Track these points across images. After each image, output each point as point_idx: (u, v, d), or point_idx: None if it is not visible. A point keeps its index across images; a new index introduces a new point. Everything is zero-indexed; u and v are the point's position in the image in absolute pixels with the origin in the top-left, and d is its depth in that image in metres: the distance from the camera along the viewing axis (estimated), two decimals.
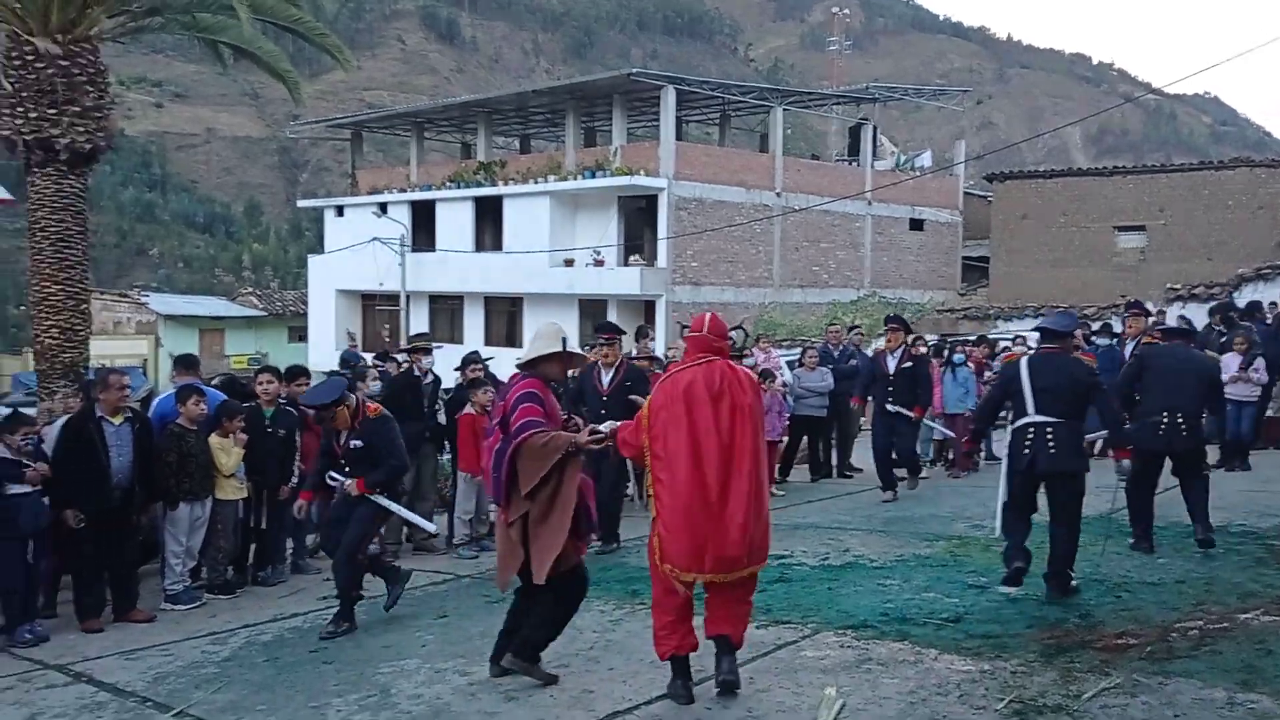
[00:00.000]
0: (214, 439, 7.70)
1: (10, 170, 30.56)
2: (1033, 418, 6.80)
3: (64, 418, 7.62)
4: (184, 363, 8.98)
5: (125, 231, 77.22)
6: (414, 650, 6.22)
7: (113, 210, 76.35)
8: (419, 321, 33.21)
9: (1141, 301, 12.91)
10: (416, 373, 9.45)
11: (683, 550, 4.83)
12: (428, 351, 9.68)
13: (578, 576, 5.38)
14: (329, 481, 6.83)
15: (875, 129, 34.49)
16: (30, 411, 8.15)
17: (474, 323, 32.73)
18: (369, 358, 13.31)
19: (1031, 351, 8.24)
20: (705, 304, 28.37)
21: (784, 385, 12.72)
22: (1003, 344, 15.70)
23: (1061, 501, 6.81)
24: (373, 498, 6.76)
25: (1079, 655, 5.55)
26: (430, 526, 7.98)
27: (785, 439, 12.82)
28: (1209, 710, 4.74)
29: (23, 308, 43.39)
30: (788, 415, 12.61)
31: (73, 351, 10.77)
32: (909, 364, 10.54)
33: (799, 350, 14.35)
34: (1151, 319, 12.36)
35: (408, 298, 33.33)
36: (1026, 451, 6.81)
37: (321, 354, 33.13)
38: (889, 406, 10.94)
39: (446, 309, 33.97)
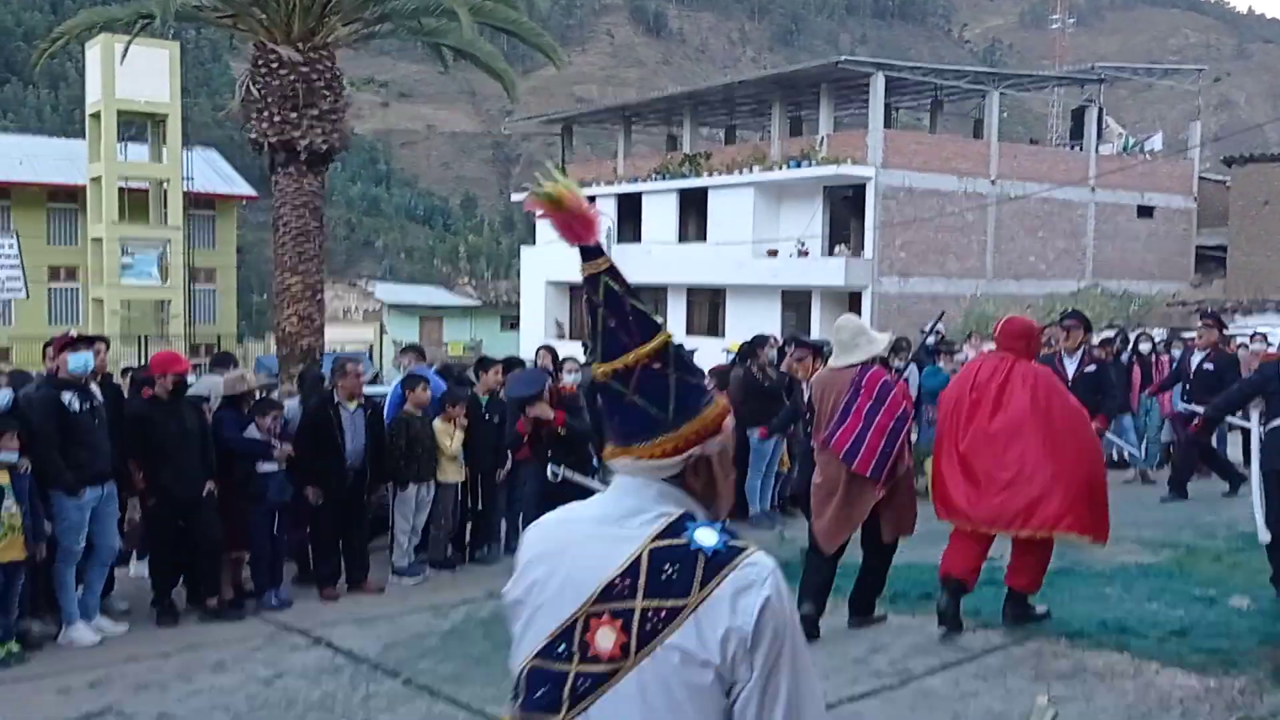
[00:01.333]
0: (438, 423, 8.15)
1: (254, 168, 33.10)
2: None
3: (296, 399, 8.23)
4: (414, 350, 9.56)
5: (353, 224, 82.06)
6: None
7: (342, 204, 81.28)
8: None
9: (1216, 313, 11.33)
10: None
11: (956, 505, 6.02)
12: None
13: None
14: (550, 477, 7.11)
15: (1101, 111, 32.69)
16: (273, 395, 8.83)
17: (676, 313, 33.10)
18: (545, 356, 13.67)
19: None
20: (913, 295, 27.72)
21: None
22: (1239, 340, 14.64)
23: None
24: (566, 473, 6.99)
25: None
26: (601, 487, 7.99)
27: None
28: None
29: (264, 296, 46.89)
30: None
31: (310, 338, 11.61)
32: (1091, 367, 9.19)
33: None
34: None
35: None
36: None
37: (532, 342, 34.29)
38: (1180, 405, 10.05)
39: (650, 299, 34.49)
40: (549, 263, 36.34)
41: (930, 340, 11.42)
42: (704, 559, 1.70)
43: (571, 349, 14.11)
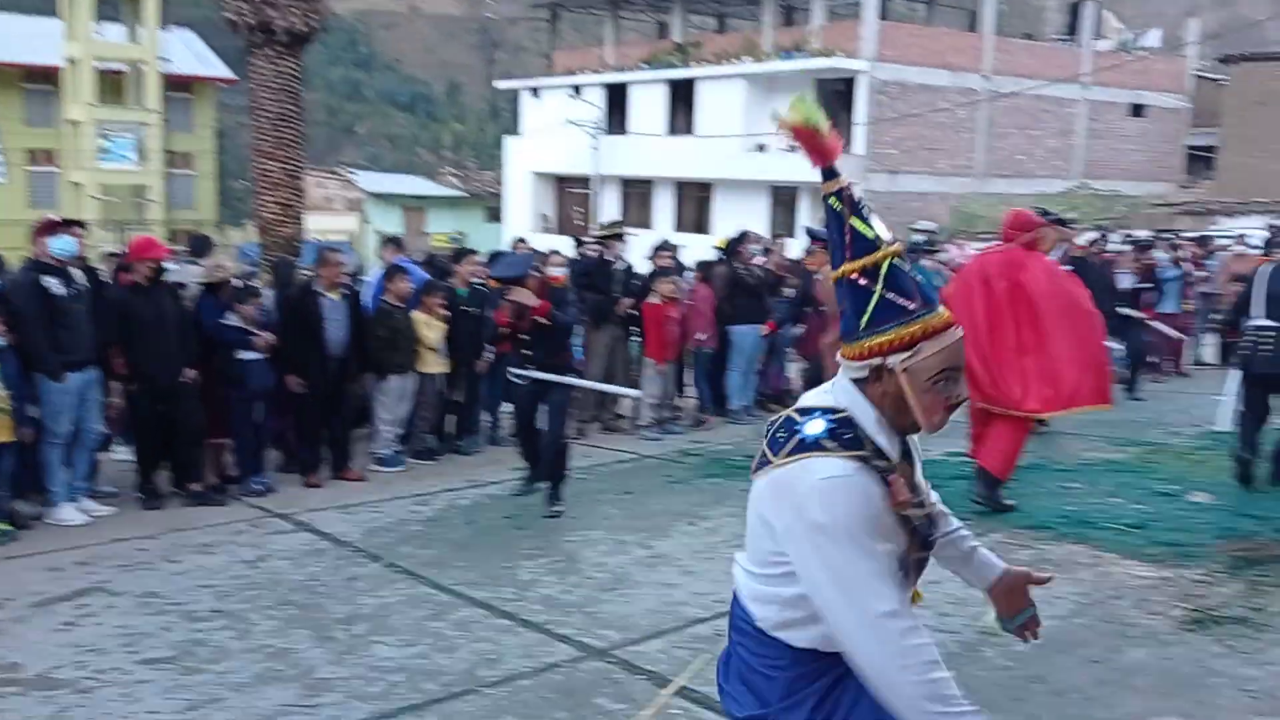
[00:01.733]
0: (418, 315, 8.19)
1: (232, 50, 32.31)
2: (1258, 321, 6.89)
3: (274, 289, 8.22)
4: (394, 243, 9.53)
5: (334, 109, 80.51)
6: (598, 523, 6.59)
7: (322, 88, 79.55)
8: (610, 205, 33.63)
9: None
10: (608, 258, 9.67)
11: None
12: (620, 238, 9.83)
13: None
14: (511, 378, 6.92)
15: (1099, 5, 32.12)
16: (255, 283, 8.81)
17: (664, 208, 32.90)
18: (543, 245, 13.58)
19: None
20: (903, 193, 27.58)
21: None
22: (1220, 242, 14.70)
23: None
24: (563, 381, 6.79)
25: (1271, 569, 5.39)
26: (633, 393, 7.90)
27: None
28: None
29: (243, 182, 46.25)
30: None
31: (290, 226, 11.51)
32: (1069, 267, 9.20)
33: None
34: None
35: (600, 181, 33.74)
36: (1247, 353, 7.00)
37: (516, 234, 34.08)
38: None
39: (638, 193, 34.22)
40: (534, 154, 35.92)
41: (919, 239, 11.46)
42: (797, 439, 2.01)
43: (556, 243, 14.03)
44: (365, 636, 4.79)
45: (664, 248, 9.99)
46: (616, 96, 33.78)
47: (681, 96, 31.72)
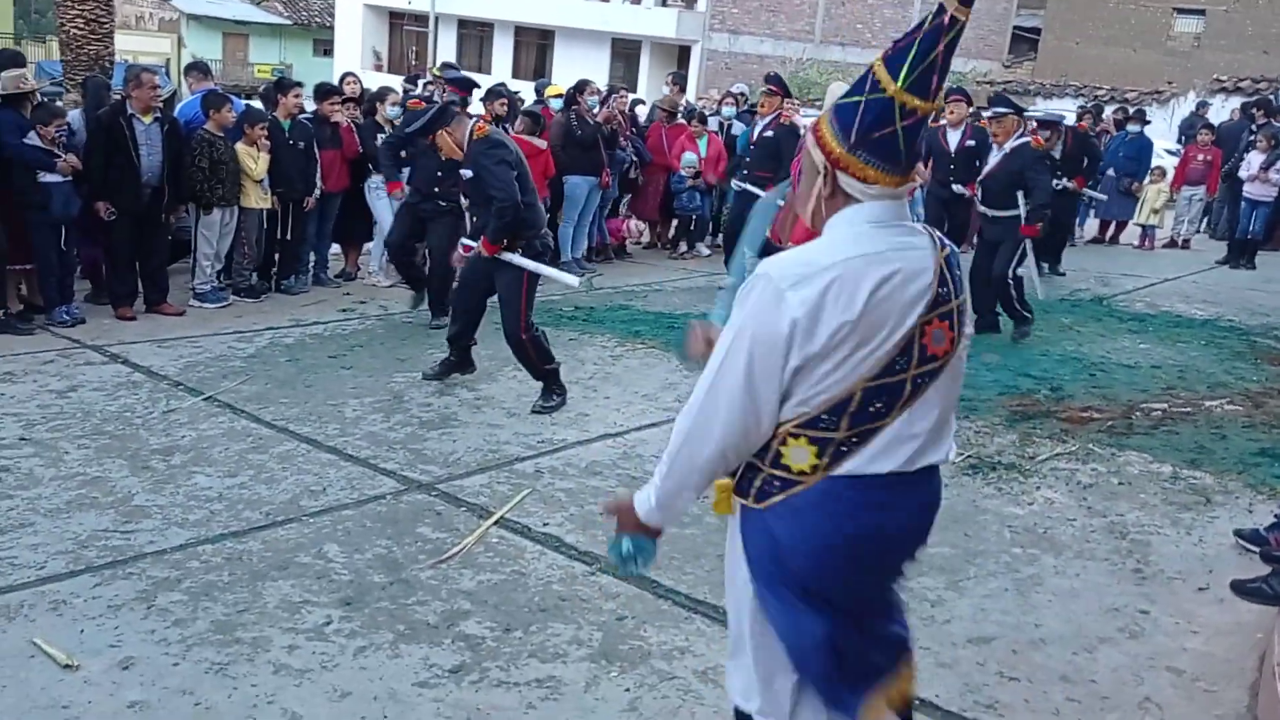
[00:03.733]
0: (241, 146, 7.85)
1: None
2: None
3: (80, 110, 7.71)
4: (199, 69, 9.00)
5: None
6: (427, 364, 6.62)
7: None
8: (447, 47, 32.41)
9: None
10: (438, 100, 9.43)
11: None
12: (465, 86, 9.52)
13: None
14: (462, 249, 6.08)
15: None
16: (57, 103, 8.24)
17: (503, 53, 31.95)
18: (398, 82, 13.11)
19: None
20: (742, 54, 27.61)
21: None
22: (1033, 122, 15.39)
23: None
24: (505, 258, 5.79)
25: (1043, 423, 5.94)
26: (573, 280, 6.98)
27: None
28: (1153, 481, 5.15)
29: None
30: None
31: (97, 44, 10.74)
32: (972, 142, 9.54)
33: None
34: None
35: (436, 20, 32.38)
36: None
37: (345, 70, 32.53)
38: (954, 187, 9.45)
39: (475, 36, 33.07)
40: None
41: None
42: (956, 267, 2.13)
43: (388, 80, 13.51)
44: (184, 467, 4.77)
45: (500, 93, 9.80)
46: None
47: None
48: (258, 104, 9.27)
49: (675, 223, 11.70)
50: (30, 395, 5.65)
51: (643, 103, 13.16)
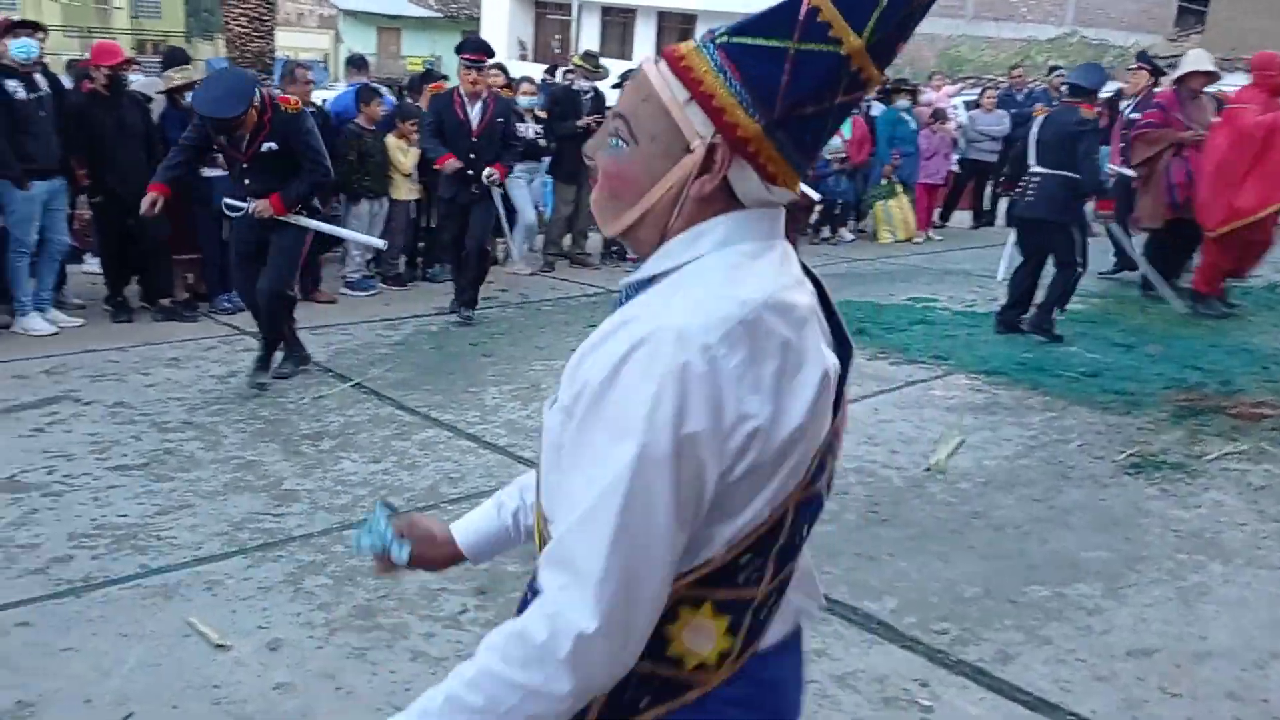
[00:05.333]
0: (391, 139, 8.05)
1: None
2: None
3: None
4: (355, 63, 9.27)
5: None
6: (564, 354, 6.64)
7: None
8: (590, 34, 32.64)
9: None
10: (575, 88, 9.48)
11: None
12: (596, 72, 9.58)
13: None
14: (227, 211, 5.76)
15: None
16: None
17: (645, 39, 31.97)
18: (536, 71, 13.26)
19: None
20: None
21: (956, 127, 12.27)
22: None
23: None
24: (293, 219, 5.69)
25: (1211, 419, 5.58)
26: (377, 242, 7.13)
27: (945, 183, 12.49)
28: None
29: None
30: (956, 159, 12.23)
31: (260, 41, 11.18)
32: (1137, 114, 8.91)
33: (979, 90, 13.69)
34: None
35: (579, 8, 32.63)
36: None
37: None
38: (1109, 167, 8.65)
39: (618, 22, 33.18)
40: None
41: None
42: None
43: (532, 70, 13.69)
44: (331, 452, 4.91)
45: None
46: None
47: None
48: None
49: (821, 207, 11.49)
50: (193, 380, 5.91)
51: None
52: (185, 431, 5.11)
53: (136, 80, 7.59)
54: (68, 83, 7.58)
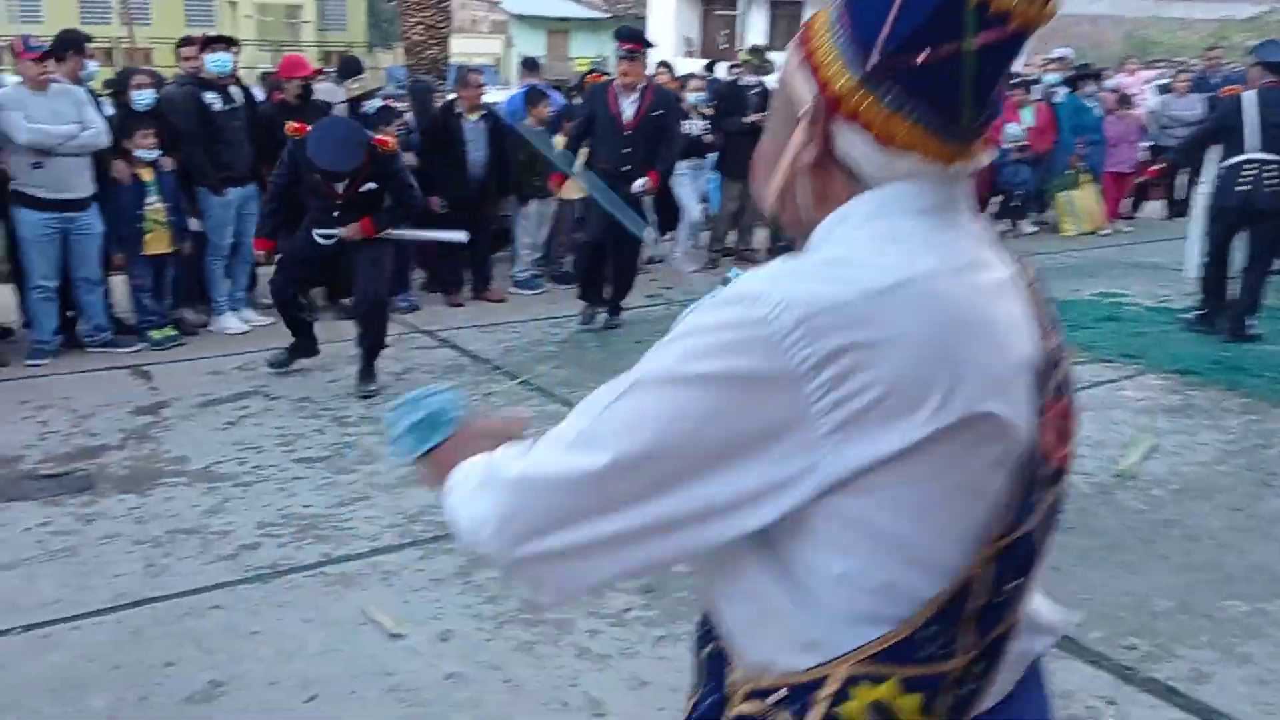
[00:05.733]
0: (559, 139, 8.16)
1: None
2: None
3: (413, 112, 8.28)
4: (528, 65, 9.46)
5: None
6: None
7: None
8: (757, 28, 32.42)
9: None
10: (741, 83, 9.41)
11: None
12: (763, 67, 9.49)
13: None
14: (320, 239, 5.77)
15: None
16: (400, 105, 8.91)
17: (758, 23, 31.54)
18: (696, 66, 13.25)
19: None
20: (1071, 15, 25.71)
21: (1147, 113, 11.61)
22: None
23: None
24: (383, 236, 5.88)
25: None
26: (459, 236, 6.91)
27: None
28: None
29: (392, 2, 46.20)
30: (1146, 145, 11.57)
31: (435, 48, 11.58)
32: None
33: (1171, 74, 12.91)
34: None
35: (747, 1, 32.46)
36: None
37: (656, 56, 33.25)
38: None
39: (786, 15, 32.81)
40: None
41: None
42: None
43: (694, 66, 13.67)
44: None
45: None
46: None
47: None
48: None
49: (1000, 198, 11.07)
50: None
51: None
52: (363, 426, 5.30)
53: (320, 89, 7.94)
54: (259, 94, 7.99)
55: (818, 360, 0.94)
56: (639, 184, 6.82)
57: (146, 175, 6.45)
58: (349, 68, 9.00)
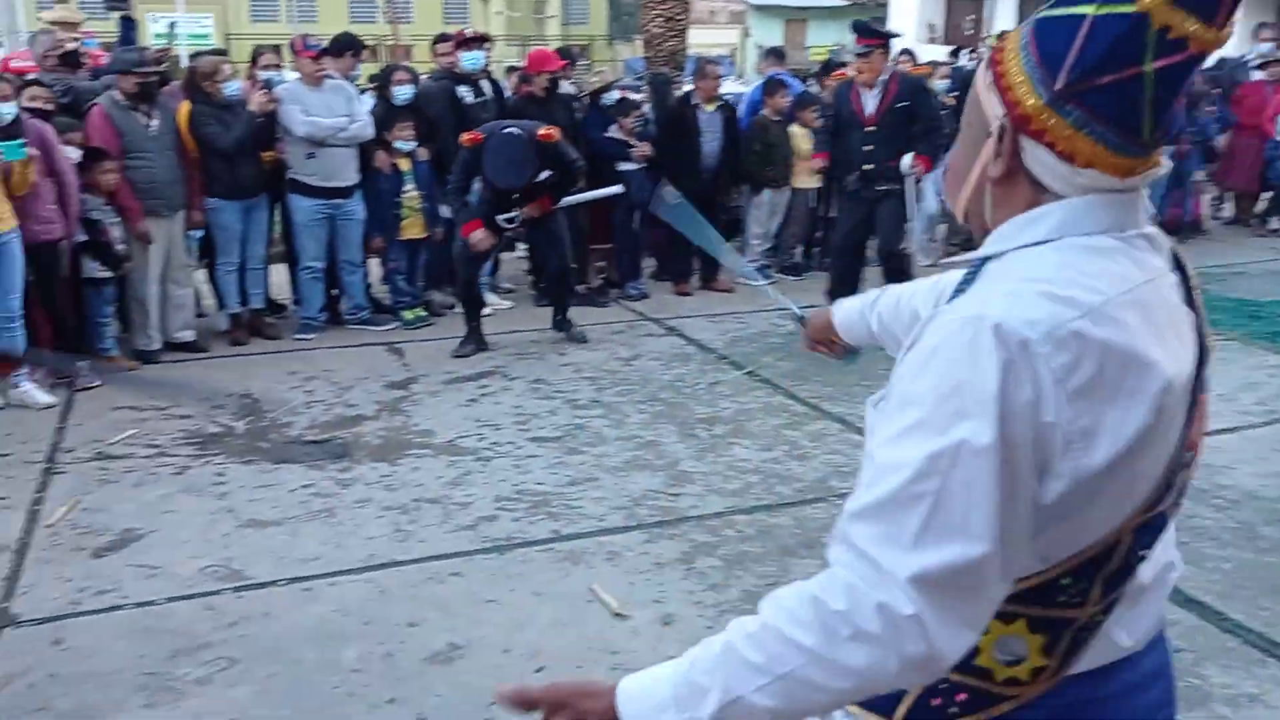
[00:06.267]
0: (795, 129, 8.14)
1: None
2: None
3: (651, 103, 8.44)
4: (772, 55, 9.46)
5: None
6: None
7: None
8: (1006, 13, 31.05)
9: None
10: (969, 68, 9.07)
11: None
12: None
13: None
14: (503, 224, 6.45)
15: None
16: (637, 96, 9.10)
17: (1006, 8, 29.88)
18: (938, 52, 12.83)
19: None
20: None
21: None
22: None
23: None
24: (561, 205, 6.67)
25: None
26: (616, 189, 7.45)
27: None
28: None
29: None
30: None
31: (674, 40, 11.71)
32: None
33: None
34: None
35: None
36: None
37: (898, 45, 32.35)
38: None
39: (1036, 1, 31.28)
40: None
41: None
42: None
43: (936, 52, 13.27)
44: (724, 437, 5.06)
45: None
46: None
47: None
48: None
49: (1269, 195, 10.20)
50: (602, 361, 6.33)
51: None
52: (593, 409, 5.48)
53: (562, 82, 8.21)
54: (508, 88, 8.35)
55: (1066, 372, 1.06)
56: (906, 161, 6.57)
57: (404, 165, 6.91)
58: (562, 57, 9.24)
